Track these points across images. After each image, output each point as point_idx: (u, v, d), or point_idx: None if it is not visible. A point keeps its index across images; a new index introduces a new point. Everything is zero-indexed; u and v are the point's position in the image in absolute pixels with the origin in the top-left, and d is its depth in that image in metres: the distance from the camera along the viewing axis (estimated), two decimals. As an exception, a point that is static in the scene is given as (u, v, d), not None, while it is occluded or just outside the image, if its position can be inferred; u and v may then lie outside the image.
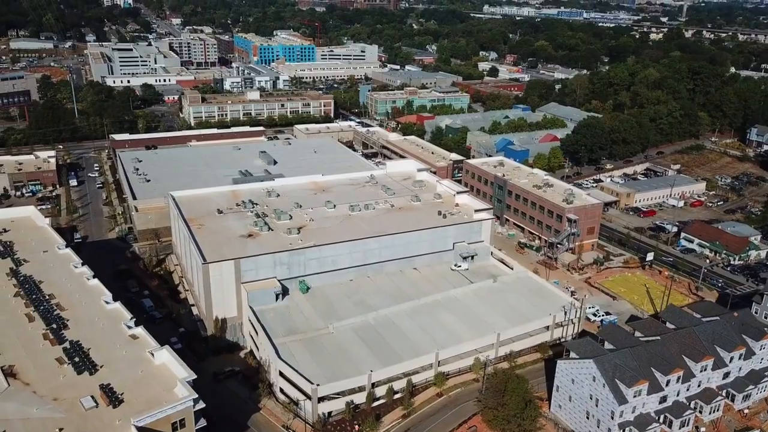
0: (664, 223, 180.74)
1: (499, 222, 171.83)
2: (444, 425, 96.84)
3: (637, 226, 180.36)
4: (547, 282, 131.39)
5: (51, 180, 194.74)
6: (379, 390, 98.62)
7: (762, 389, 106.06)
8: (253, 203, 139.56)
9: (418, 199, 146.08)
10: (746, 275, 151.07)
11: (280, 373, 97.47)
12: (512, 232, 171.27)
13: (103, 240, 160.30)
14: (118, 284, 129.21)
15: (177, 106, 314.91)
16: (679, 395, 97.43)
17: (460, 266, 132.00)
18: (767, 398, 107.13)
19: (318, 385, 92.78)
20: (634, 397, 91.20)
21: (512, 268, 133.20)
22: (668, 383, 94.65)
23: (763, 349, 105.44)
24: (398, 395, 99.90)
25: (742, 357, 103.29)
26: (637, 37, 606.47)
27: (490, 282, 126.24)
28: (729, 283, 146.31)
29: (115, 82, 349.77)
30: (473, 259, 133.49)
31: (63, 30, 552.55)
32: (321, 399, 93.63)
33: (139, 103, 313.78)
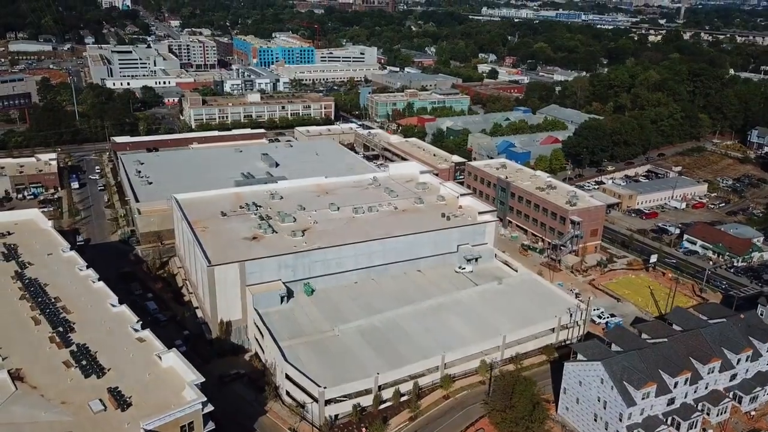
0: (666, 225, 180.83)
1: (501, 224, 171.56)
2: (451, 428, 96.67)
3: (639, 228, 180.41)
4: (551, 284, 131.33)
5: (52, 182, 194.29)
6: (386, 392, 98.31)
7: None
8: (257, 205, 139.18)
9: (421, 202, 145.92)
10: (749, 277, 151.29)
11: (287, 376, 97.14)
12: (515, 234, 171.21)
13: (105, 243, 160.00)
14: (122, 287, 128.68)
15: (177, 109, 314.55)
16: (686, 397, 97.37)
17: (464, 268, 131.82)
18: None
19: (325, 387, 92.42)
20: (643, 399, 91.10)
21: (517, 270, 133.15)
22: (676, 385, 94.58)
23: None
24: (405, 398, 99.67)
25: (749, 359, 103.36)
26: (635, 39, 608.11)
27: (495, 284, 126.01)
28: (732, 285, 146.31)
29: (114, 85, 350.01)
30: (477, 262, 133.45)
31: (62, 32, 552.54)
32: (328, 402, 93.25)
33: (139, 105, 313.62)
